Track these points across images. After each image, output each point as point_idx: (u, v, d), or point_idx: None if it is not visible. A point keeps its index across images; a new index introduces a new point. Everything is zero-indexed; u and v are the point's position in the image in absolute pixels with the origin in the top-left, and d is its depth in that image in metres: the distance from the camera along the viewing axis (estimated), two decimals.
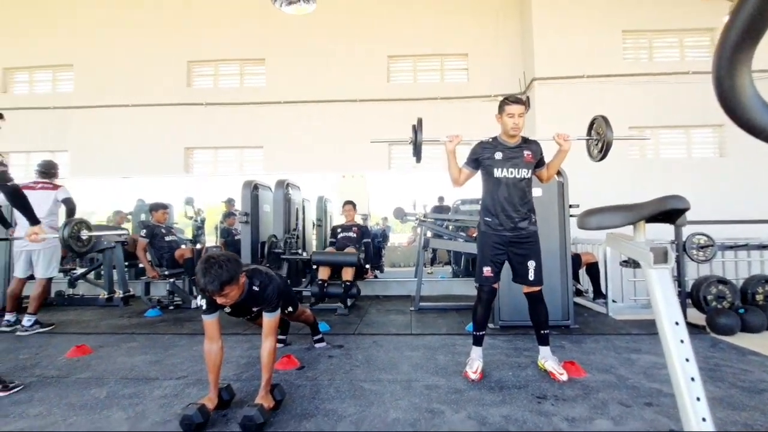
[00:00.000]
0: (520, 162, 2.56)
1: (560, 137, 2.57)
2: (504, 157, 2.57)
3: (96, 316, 4.54)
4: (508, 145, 2.60)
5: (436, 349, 3.11)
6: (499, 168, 2.56)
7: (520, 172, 2.56)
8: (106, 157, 7.00)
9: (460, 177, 2.67)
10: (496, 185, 2.57)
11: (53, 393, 2.35)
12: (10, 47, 7.29)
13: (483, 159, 2.61)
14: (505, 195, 2.55)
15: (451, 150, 2.65)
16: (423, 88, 7.12)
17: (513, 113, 2.52)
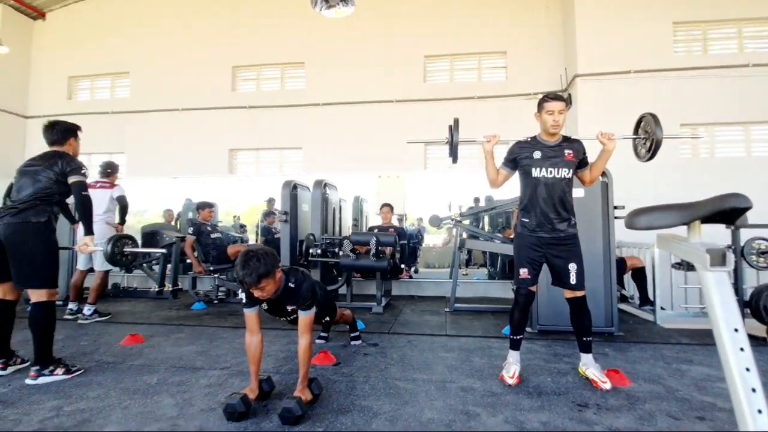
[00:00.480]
0: (560, 161, 2.45)
1: (604, 136, 2.44)
2: (543, 156, 2.47)
3: (147, 307, 4.84)
4: (548, 143, 2.50)
5: (471, 351, 3.07)
6: (537, 167, 2.47)
7: (561, 171, 2.45)
8: (157, 159, 7.45)
9: (498, 178, 2.60)
10: (534, 185, 2.48)
11: (110, 378, 2.54)
12: (74, 58, 7.92)
13: (521, 158, 2.52)
14: (543, 195, 2.46)
15: (488, 150, 2.59)
16: (460, 88, 7.04)
17: (552, 110, 2.42)
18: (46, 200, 2.57)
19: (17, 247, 2.48)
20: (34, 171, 2.59)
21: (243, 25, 7.49)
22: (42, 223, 2.54)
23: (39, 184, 2.56)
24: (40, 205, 2.55)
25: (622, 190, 3.95)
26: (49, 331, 2.55)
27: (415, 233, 7.91)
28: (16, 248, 2.48)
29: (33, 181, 2.57)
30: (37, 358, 2.48)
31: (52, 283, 2.58)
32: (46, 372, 2.48)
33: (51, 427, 1.90)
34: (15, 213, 2.50)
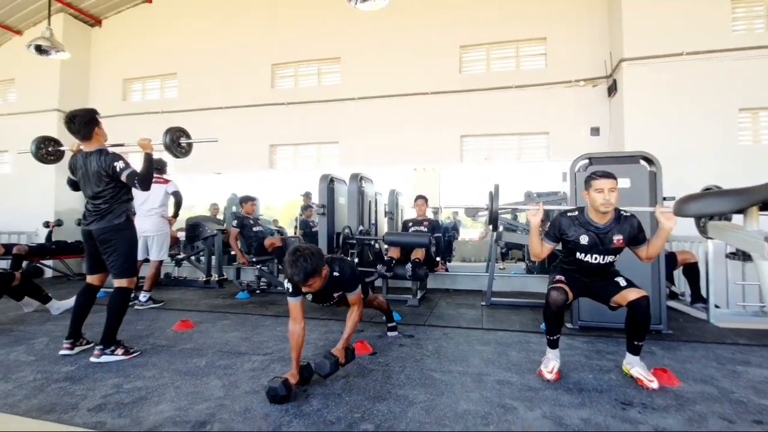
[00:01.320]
0: (608, 249, 2.35)
1: (663, 215, 2.26)
2: (590, 243, 2.36)
3: (196, 296, 5.14)
4: (597, 225, 2.36)
5: (508, 345, 3.04)
6: (582, 252, 2.40)
7: (606, 258, 2.38)
8: (203, 155, 7.79)
9: (543, 251, 2.50)
10: (578, 264, 2.45)
11: (163, 359, 2.73)
12: (127, 61, 8.44)
13: (566, 239, 2.43)
14: (586, 273, 2.46)
15: (535, 225, 2.46)
16: (497, 77, 6.85)
17: (602, 188, 2.28)
18: (117, 202, 2.82)
19: (109, 247, 2.79)
20: (92, 174, 2.78)
21: (281, 25, 7.66)
22: (122, 222, 2.82)
23: (100, 189, 2.77)
24: (116, 208, 2.82)
25: (672, 180, 3.72)
26: (122, 314, 2.82)
27: (451, 226, 7.85)
28: (108, 248, 2.80)
29: (96, 184, 2.78)
30: (104, 337, 2.72)
31: (133, 272, 2.89)
32: (108, 351, 2.71)
33: (112, 402, 2.08)
34: (99, 219, 2.78)
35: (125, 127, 7.44)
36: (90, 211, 2.82)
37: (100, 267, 2.90)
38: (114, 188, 2.81)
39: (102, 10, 8.37)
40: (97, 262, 2.89)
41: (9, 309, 4.20)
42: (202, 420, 1.88)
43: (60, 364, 2.63)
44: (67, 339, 2.85)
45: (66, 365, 2.62)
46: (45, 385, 2.29)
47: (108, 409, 2.00)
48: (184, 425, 1.83)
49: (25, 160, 8.10)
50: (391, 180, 6.83)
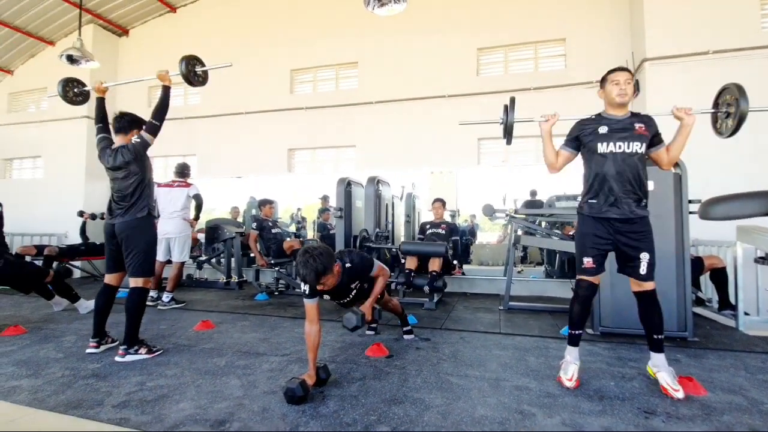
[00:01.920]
0: (630, 135, 2.22)
1: (680, 110, 2.19)
2: (610, 131, 2.25)
3: (217, 297, 5.25)
4: (615, 117, 2.29)
5: (526, 350, 2.99)
6: (604, 142, 2.24)
7: (631, 145, 2.20)
8: (225, 160, 8.01)
9: (558, 160, 2.40)
10: (601, 162, 2.25)
11: (185, 359, 2.79)
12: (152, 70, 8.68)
13: (584, 135, 2.32)
14: (612, 172, 2.22)
15: (546, 130, 2.43)
16: (515, 79, 6.79)
17: (618, 80, 2.23)
18: (140, 194, 2.89)
19: (129, 242, 2.86)
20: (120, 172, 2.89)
21: (300, 31, 7.78)
22: (144, 217, 2.89)
23: (128, 181, 2.87)
24: (139, 201, 2.89)
25: (697, 182, 3.60)
26: (140, 314, 2.88)
27: (468, 229, 7.80)
28: (128, 242, 2.86)
29: (123, 178, 2.88)
30: (127, 337, 2.80)
31: (150, 272, 2.95)
32: (132, 351, 2.79)
33: (136, 399, 2.14)
34: (123, 213, 2.87)
35: None
36: (115, 203, 2.91)
37: (118, 266, 2.97)
38: (137, 179, 2.89)
39: (129, 20, 8.68)
40: (116, 260, 2.96)
41: (40, 307, 4.38)
42: (222, 419, 1.91)
43: (87, 362, 2.73)
44: (92, 338, 2.95)
45: (92, 363, 2.71)
46: (72, 382, 2.38)
47: (132, 405, 2.06)
48: (204, 423, 1.87)
49: (57, 165, 8.47)
50: (408, 183, 6.83)
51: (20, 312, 4.24)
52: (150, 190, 3.00)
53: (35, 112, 8.93)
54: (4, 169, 9.16)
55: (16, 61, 8.92)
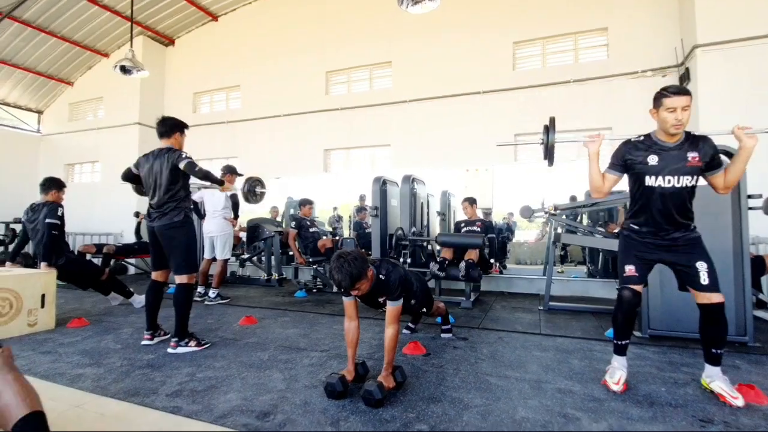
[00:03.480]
0: (682, 167, 2.07)
1: (741, 130, 2.01)
2: (661, 162, 2.10)
3: (258, 293, 5.45)
4: (667, 145, 2.12)
5: (569, 352, 2.90)
6: (653, 175, 2.11)
7: (682, 180, 2.07)
8: (264, 161, 8.29)
9: (605, 185, 2.25)
10: (648, 194, 2.15)
11: (231, 352, 2.93)
12: (197, 76, 9.16)
13: (633, 163, 2.18)
14: (659, 207, 2.12)
15: (594, 152, 2.27)
16: (553, 72, 6.56)
17: (675, 107, 2.03)
18: (177, 200, 3.06)
19: (169, 243, 3.04)
20: (156, 171, 3.05)
21: (334, 34, 7.92)
22: (182, 220, 3.04)
23: (165, 184, 3.02)
24: (176, 206, 3.04)
25: (757, 176, 3.34)
26: (188, 309, 3.04)
27: (505, 227, 7.62)
28: (168, 243, 3.04)
29: (160, 182, 3.04)
30: (177, 331, 2.97)
31: (193, 268, 3.11)
32: (183, 343, 2.96)
33: (187, 389, 2.26)
34: (161, 216, 3.03)
35: (195, 137, 8.02)
36: (153, 208, 3.08)
37: (162, 264, 3.16)
38: (175, 185, 3.04)
39: (175, 30, 9.16)
40: (160, 259, 3.14)
41: (99, 302, 4.72)
42: (266, 411, 1.99)
43: (142, 353, 2.92)
44: (147, 330, 3.15)
45: (147, 354, 2.90)
46: (130, 371, 2.55)
47: (183, 395, 2.19)
48: (249, 414, 1.96)
49: (112, 169, 9.08)
50: (443, 181, 6.78)
51: (83, 306, 4.59)
52: (186, 193, 3.13)
53: (93, 120, 9.62)
54: (66, 173, 9.94)
55: (76, 73, 9.64)
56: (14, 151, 9.53)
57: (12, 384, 1.18)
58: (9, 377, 1.19)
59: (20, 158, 9.60)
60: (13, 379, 1.19)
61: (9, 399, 1.16)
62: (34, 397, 1.21)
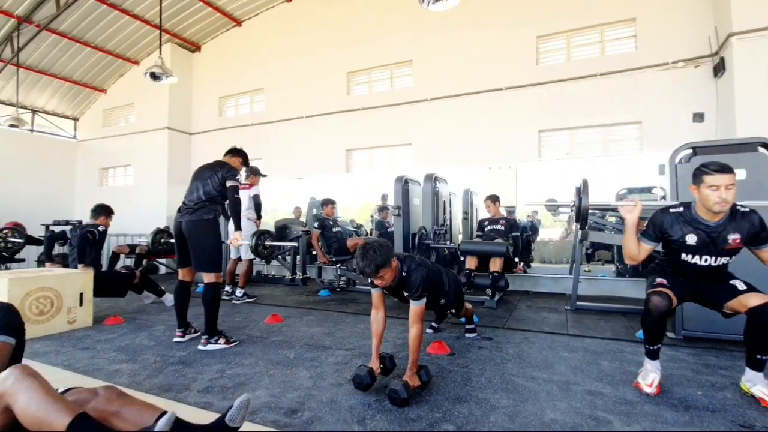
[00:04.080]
0: (721, 250, 2.03)
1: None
2: (699, 243, 2.05)
3: (284, 292, 5.55)
4: (707, 224, 2.05)
5: (598, 353, 2.83)
6: (689, 253, 2.09)
7: (719, 260, 2.07)
8: (287, 162, 8.43)
9: (640, 254, 2.20)
10: (683, 266, 2.15)
11: (258, 349, 2.99)
12: (222, 81, 9.39)
13: (669, 238, 2.14)
14: (693, 277, 2.16)
15: (632, 223, 2.20)
16: (578, 66, 6.38)
17: (718, 185, 1.93)
18: (212, 201, 3.15)
19: (195, 240, 3.11)
20: (204, 177, 3.19)
21: (355, 34, 7.96)
22: (211, 219, 3.13)
23: (207, 187, 3.15)
24: (209, 205, 3.13)
25: None
26: (216, 307, 3.12)
27: (529, 225, 7.48)
28: (194, 240, 3.11)
29: (203, 184, 3.17)
30: (207, 328, 3.07)
31: (219, 268, 3.19)
32: (212, 341, 3.05)
33: (217, 386, 2.33)
34: (191, 212, 3.11)
35: (221, 139, 8.31)
36: (186, 205, 3.18)
37: (187, 261, 3.22)
38: (216, 191, 3.16)
39: (201, 36, 9.42)
40: (185, 256, 3.20)
41: (133, 300, 4.91)
42: (294, 408, 2.03)
43: (174, 350, 3.03)
44: (178, 328, 3.27)
45: (179, 351, 3.00)
46: (163, 367, 2.65)
47: (214, 391, 2.26)
48: (278, 411, 2.00)
49: (143, 172, 9.43)
50: (465, 179, 6.72)
51: (118, 304, 4.79)
52: (222, 201, 3.23)
53: (125, 126, 10.01)
54: (101, 177, 10.38)
55: (109, 80, 10.05)
56: (53, 157, 10.01)
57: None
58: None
59: (59, 163, 10.08)
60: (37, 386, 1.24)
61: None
62: None
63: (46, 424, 1.17)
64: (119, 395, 1.39)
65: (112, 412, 1.33)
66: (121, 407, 1.34)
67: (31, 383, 1.23)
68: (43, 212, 8.43)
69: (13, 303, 3.20)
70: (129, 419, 1.33)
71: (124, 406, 1.35)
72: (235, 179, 3.16)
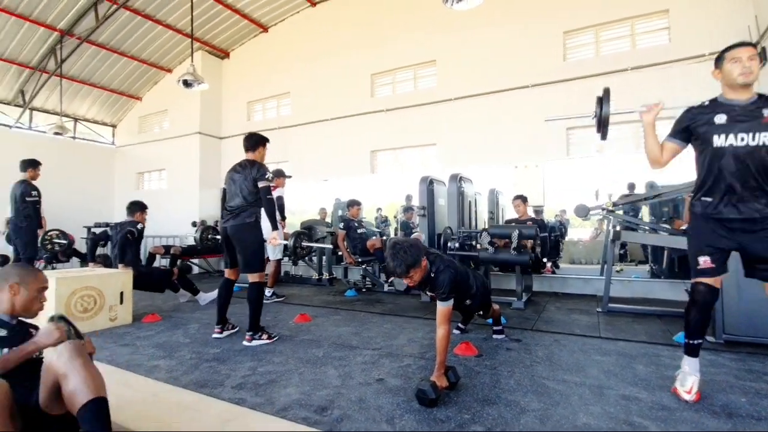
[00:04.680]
0: (756, 124, 1.84)
1: None
2: (730, 120, 1.90)
3: (311, 292, 5.64)
4: (736, 103, 1.92)
5: (633, 357, 2.74)
6: (721, 134, 1.90)
7: (758, 137, 1.83)
8: (312, 164, 8.58)
9: (663, 155, 2.10)
10: (717, 157, 1.93)
11: (288, 348, 3.06)
12: (250, 86, 9.65)
13: (696, 126, 1.99)
14: (731, 169, 1.90)
15: (649, 122, 2.15)
16: (608, 61, 6.19)
17: (739, 56, 1.87)
18: (252, 204, 3.28)
19: (240, 242, 3.27)
20: (238, 181, 3.31)
21: (378, 36, 8.01)
22: (252, 222, 3.27)
23: (243, 192, 3.28)
24: (249, 209, 3.27)
25: None
26: (260, 305, 3.26)
27: (557, 226, 7.31)
28: (239, 243, 3.27)
29: (239, 189, 3.29)
30: (251, 325, 3.19)
31: (263, 268, 3.33)
32: (257, 336, 3.16)
33: (250, 382, 2.40)
34: (235, 216, 3.27)
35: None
36: (228, 211, 3.33)
37: (234, 262, 3.39)
38: (252, 194, 3.27)
39: (230, 43, 9.71)
40: (232, 258, 3.38)
41: (169, 299, 5.12)
42: (324, 405, 2.07)
43: (209, 347, 3.14)
44: (217, 324, 3.40)
45: (213, 347, 3.11)
46: (198, 364, 2.75)
47: (247, 388, 2.33)
48: (308, 408, 2.04)
49: (177, 176, 9.80)
50: (491, 179, 6.64)
51: (155, 302, 5.00)
52: (259, 203, 3.33)
53: (159, 132, 10.43)
54: (137, 181, 10.85)
55: (144, 88, 10.50)
56: (93, 162, 10.54)
57: (79, 370, 1.29)
58: (77, 363, 1.30)
59: (98, 168, 10.61)
60: (80, 365, 1.30)
61: (75, 384, 1.27)
62: (99, 383, 1.31)
63: None
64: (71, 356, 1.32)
65: (62, 373, 1.30)
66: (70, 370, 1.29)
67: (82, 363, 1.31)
68: (86, 215, 8.89)
69: (60, 301, 3.43)
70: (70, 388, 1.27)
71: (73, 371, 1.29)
72: (265, 179, 3.25)
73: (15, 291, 1.60)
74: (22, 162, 4.90)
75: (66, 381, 1.27)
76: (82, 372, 1.29)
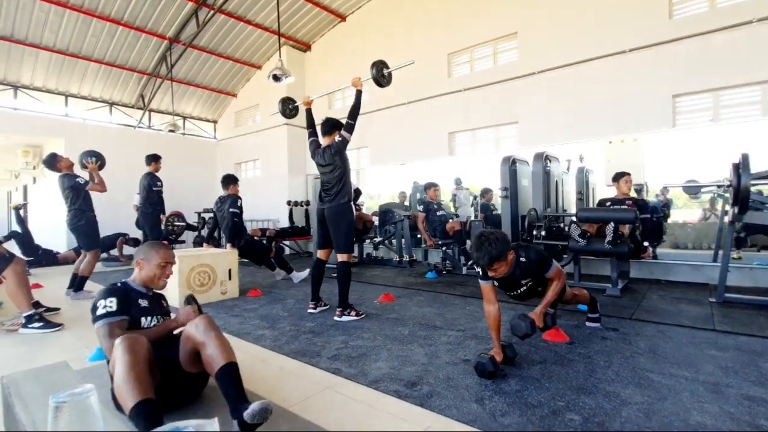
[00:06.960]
0: None
1: None
2: None
3: (392, 273, 5.83)
4: None
5: (758, 354, 2.43)
6: None
7: None
8: (391, 148, 8.70)
9: None
10: None
11: (375, 325, 3.23)
12: (331, 75, 10.01)
13: None
14: None
15: None
16: (726, 13, 5.21)
17: None
18: (344, 184, 3.49)
19: (334, 224, 3.51)
20: (325, 156, 3.55)
21: (454, 13, 7.72)
22: (345, 202, 3.49)
23: (334, 173, 3.49)
24: (342, 189, 3.49)
25: None
26: (348, 283, 3.49)
27: (660, 206, 6.55)
28: (333, 224, 3.51)
29: (330, 171, 3.52)
30: (341, 302, 3.45)
31: (352, 248, 3.56)
32: (346, 312, 3.41)
33: (343, 355, 2.60)
34: (332, 199, 3.51)
35: None
36: (325, 192, 3.57)
37: (327, 243, 3.63)
38: (341, 171, 3.47)
39: (311, 36, 10.12)
40: (325, 239, 3.63)
41: (267, 277, 5.66)
42: (413, 381, 2.18)
43: (305, 320, 3.44)
44: (311, 301, 3.72)
45: (309, 321, 3.40)
46: (297, 335, 3.04)
47: (341, 359, 2.52)
48: (399, 382, 2.16)
49: (269, 165, 10.62)
50: (575, 155, 6.14)
51: (255, 279, 5.57)
52: (349, 179, 3.53)
53: (252, 125, 11.33)
54: (236, 171, 11.97)
55: (238, 85, 11.44)
56: (198, 155, 11.83)
57: (214, 340, 1.55)
58: (212, 334, 1.56)
59: (203, 160, 11.89)
60: (215, 336, 1.56)
61: (212, 351, 1.53)
62: (230, 350, 1.56)
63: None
64: (206, 328, 1.57)
65: (200, 341, 1.54)
66: (207, 339, 1.54)
67: (216, 335, 1.57)
68: (194, 202, 10.10)
69: (182, 276, 3.98)
70: (208, 353, 1.52)
71: (209, 340, 1.54)
72: (340, 138, 3.50)
73: (141, 266, 1.88)
74: (147, 157, 5.69)
75: (204, 348, 1.54)
76: (216, 341, 1.54)
